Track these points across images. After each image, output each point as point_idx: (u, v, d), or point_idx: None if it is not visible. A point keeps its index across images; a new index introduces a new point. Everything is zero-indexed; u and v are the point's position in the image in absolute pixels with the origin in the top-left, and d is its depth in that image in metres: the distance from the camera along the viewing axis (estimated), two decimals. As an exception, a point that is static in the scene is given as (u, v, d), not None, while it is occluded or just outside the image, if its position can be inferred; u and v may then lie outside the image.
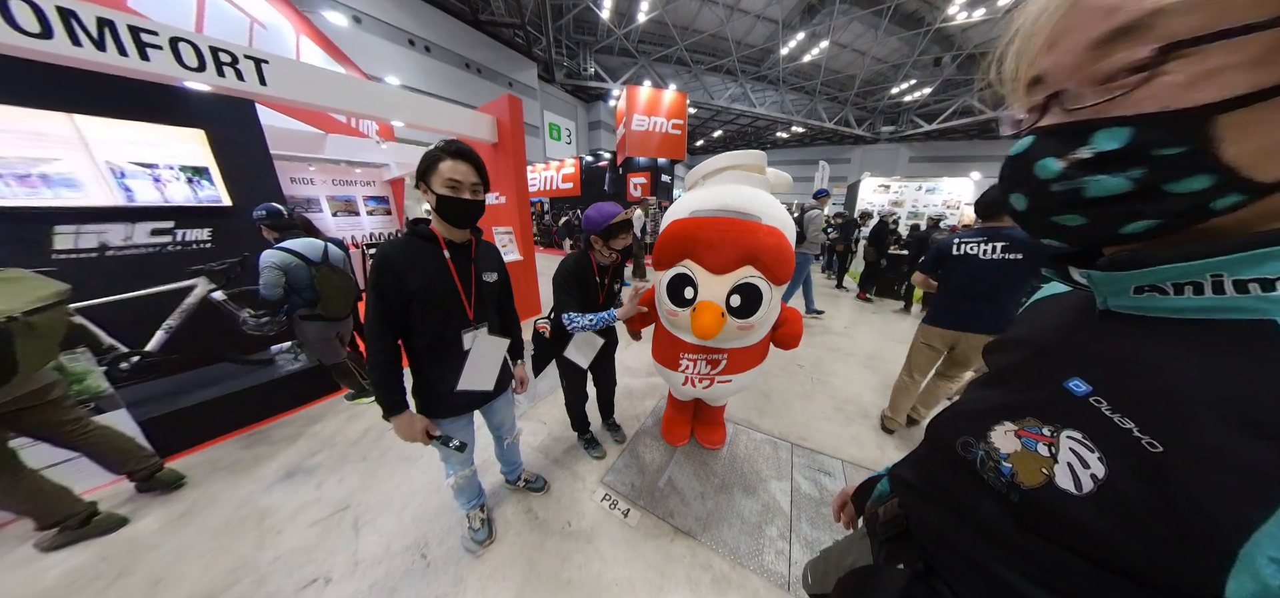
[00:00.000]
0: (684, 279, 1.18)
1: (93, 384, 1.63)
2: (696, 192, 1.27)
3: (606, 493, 1.71)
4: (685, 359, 1.43)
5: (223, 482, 1.78)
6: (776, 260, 1.10)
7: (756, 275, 1.12)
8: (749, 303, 1.15)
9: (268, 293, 1.88)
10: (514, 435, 1.53)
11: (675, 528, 1.52)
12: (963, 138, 18.95)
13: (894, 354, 3.35)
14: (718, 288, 1.13)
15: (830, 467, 1.89)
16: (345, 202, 6.16)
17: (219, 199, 2.12)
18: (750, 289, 1.13)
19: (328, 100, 2.43)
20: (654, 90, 8.35)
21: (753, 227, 1.11)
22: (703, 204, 1.18)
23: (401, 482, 1.78)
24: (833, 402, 2.53)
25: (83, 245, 1.86)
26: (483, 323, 1.12)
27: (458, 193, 0.93)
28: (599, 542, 1.47)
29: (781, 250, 1.10)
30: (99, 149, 1.83)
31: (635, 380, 2.81)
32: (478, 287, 1.10)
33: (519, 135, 3.91)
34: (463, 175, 0.93)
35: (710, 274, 1.14)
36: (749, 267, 1.11)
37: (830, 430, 2.20)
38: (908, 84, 16.36)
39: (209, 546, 1.45)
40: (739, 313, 1.16)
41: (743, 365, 1.44)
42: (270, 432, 2.16)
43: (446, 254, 1.02)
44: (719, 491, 1.72)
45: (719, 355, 1.39)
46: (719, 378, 1.44)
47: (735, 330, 1.19)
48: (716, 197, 1.17)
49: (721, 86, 17.56)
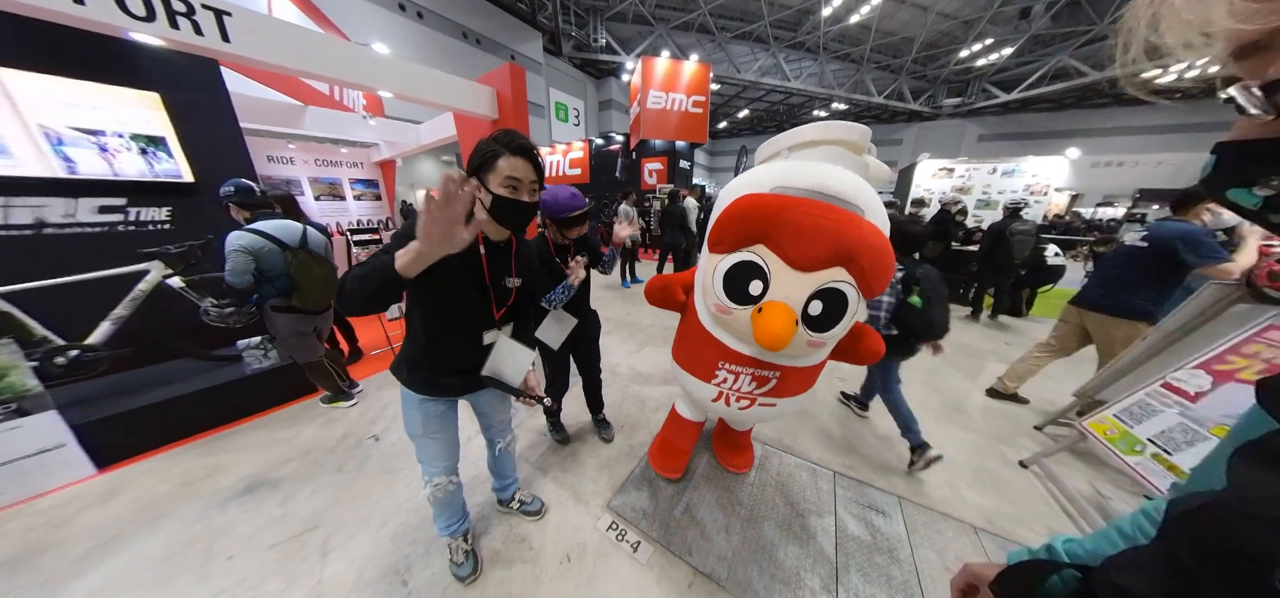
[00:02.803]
0: (752, 269, 1.07)
1: (16, 382, 1.61)
2: (779, 164, 1.15)
3: (613, 520, 1.64)
4: (724, 370, 1.29)
5: (170, 497, 1.77)
6: (877, 267, 0.99)
7: (847, 281, 1.01)
8: (832, 313, 1.05)
9: (234, 280, 1.86)
10: (507, 441, 1.51)
11: (693, 568, 1.44)
12: (1053, 108, 17.64)
13: (960, 370, 3.18)
14: (796, 288, 1.02)
15: (885, 505, 1.76)
16: (329, 185, 6.30)
17: (179, 174, 2.11)
18: (837, 297, 1.03)
19: (303, 63, 2.43)
20: (673, 62, 8.30)
21: (856, 219, 0.99)
22: (791, 179, 1.05)
23: (382, 496, 1.76)
24: (883, 424, 2.38)
25: (14, 221, 1.81)
26: (508, 324, 1.18)
27: (516, 194, 0.94)
28: (603, 582, 1.39)
29: (884, 255, 1.00)
30: (30, 110, 1.76)
31: (650, 390, 2.74)
32: (512, 290, 1.14)
33: (522, 110, 3.88)
34: (522, 173, 0.93)
35: (790, 269, 1.02)
36: (841, 269, 0.99)
37: (882, 459, 2.07)
38: (982, 44, 14.90)
39: (143, 575, 1.41)
40: (817, 324, 1.05)
41: (794, 388, 1.31)
42: (233, 438, 2.17)
43: (482, 251, 1.03)
44: (746, 523, 1.63)
45: (770, 373, 1.25)
46: (762, 399, 1.31)
47: (804, 344, 1.08)
48: (811, 174, 1.04)
49: (749, 58, 17.14)
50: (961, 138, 19.08)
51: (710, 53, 16.60)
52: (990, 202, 7.94)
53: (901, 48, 16.22)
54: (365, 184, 6.67)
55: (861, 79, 17.52)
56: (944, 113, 19.08)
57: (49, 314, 1.86)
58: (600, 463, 1.99)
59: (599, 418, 2.17)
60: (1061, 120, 17.49)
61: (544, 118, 15.50)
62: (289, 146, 5.63)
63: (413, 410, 1.17)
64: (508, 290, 1.13)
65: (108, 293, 2.00)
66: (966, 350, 3.63)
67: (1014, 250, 4.23)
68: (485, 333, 1.13)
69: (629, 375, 2.95)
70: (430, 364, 1.10)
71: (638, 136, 8.57)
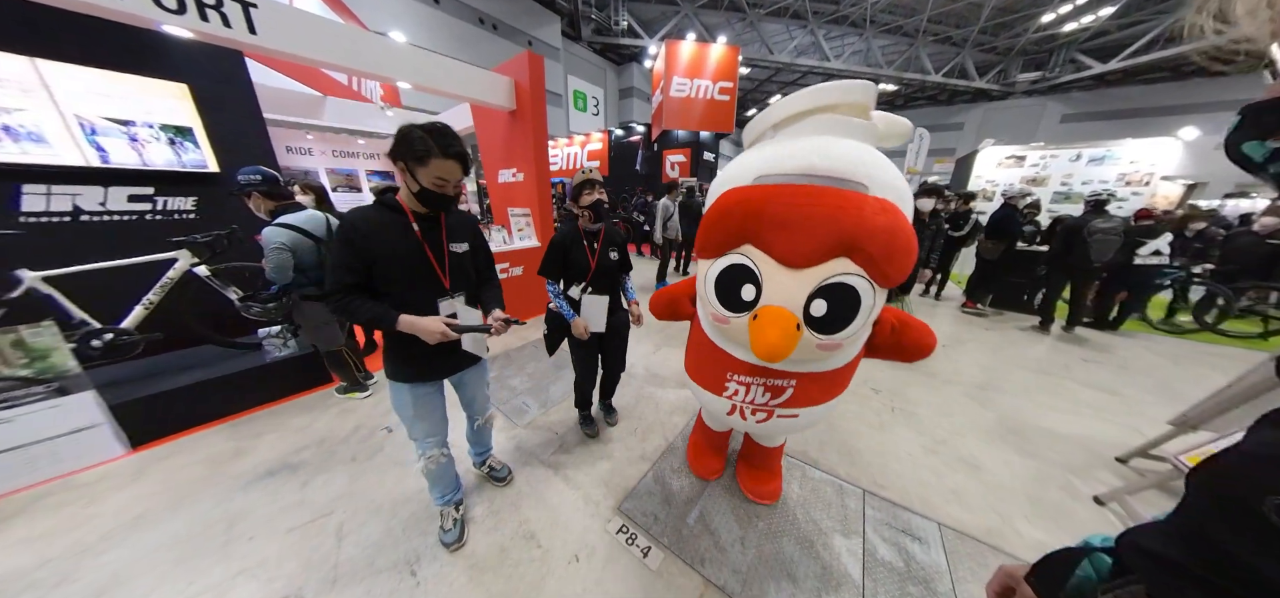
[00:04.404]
0: (741, 273, 1.02)
1: (57, 362, 1.79)
2: (763, 148, 1.07)
3: (623, 523, 1.70)
4: (734, 382, 1.27)
5: (196, 478, 1.96)
6: (888, 250, 0.90)
7: (855, 273, 0.93)
8: (839, 312, 0.97)
9: (277, 276, 2.04)
10: (486, 417, 1.73)
11: (706, 580, 1.47)
12: (1168, 77, 15.28)
13: (1019, 387, 3.03)
14: (793, 288, 0.96)
15: (922, 530, 1.72)
16: (346, 176, 6.72)
17: (204, 164, 2.35)
18: (842, 292, 0.95)
19: (325, 54, 2.63)
20: (699, 45, 8.32)
21: (854, 199, 0.90)
22: (773, 166, 0.98)
23: (393, 486, 1.89)
24: (921, 441, 2.33)
25: (55, 208, 2.05)
26: (459, 292, 1.35)
27: (442, 189, 1.16)
28: (611, 585, 1.45)
29: (895, 235, 0.90)
30: (67, 101, 1.96)
31: (664, 391, 2.79)
32: (450, 256, 1.31)
33: (540, 101, 4.01)
34: (451, 174, 1.14)
35: (782, 267, 0.96)
36: (844, 259, 0.92)
37: (917, 478, 2.03)
38: (1072, 4, 13.28)
39: (167, 553, 1.56)
40: (822, 326, 0.98)
41: (817, 396, 1.24)
42: (254, 423, 2.38)
43: (416, 227, 1.23)
44: (765, 538, 1.65)
45: (784, 381, 1.21)
46: (781, 410, 1.26)
47: (814, 349, 1.01)
48: (797, 155, 0.96)
49: (784, 37, 16.78)
50: (1039, 119, 17.62)
51: (740, 33, 16.40)
52: (1070, 195, 7.22)
53: (967, 15, 15.14)
54: (381, 176, 7.04)
55: (915, 54, 16.72)
56: (1017, 90, 17.68)
57: (85, 298, 2.11)
58: (613, 465, 2.05)
59: (607, 403, 2.38)
60: (1173, 93, 15.33)
61: (561, 107, 15.78)
62: (307, 137, 6.03)
63: (402, 394, 1.36)
64: (455, 257, 1.32)
65: (138, 279, 2.24)
66: (1032, 365, 3.45)
67: (1092, 252, 3.86)
68: (441, 303, 1.30)
69: (644, 376, 3.01)
70: (408, 353, 1.28)
71: (660, 127, 8.62)
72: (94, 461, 2.01)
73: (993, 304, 5.10)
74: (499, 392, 2.79)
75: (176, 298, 2.32)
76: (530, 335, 3.83)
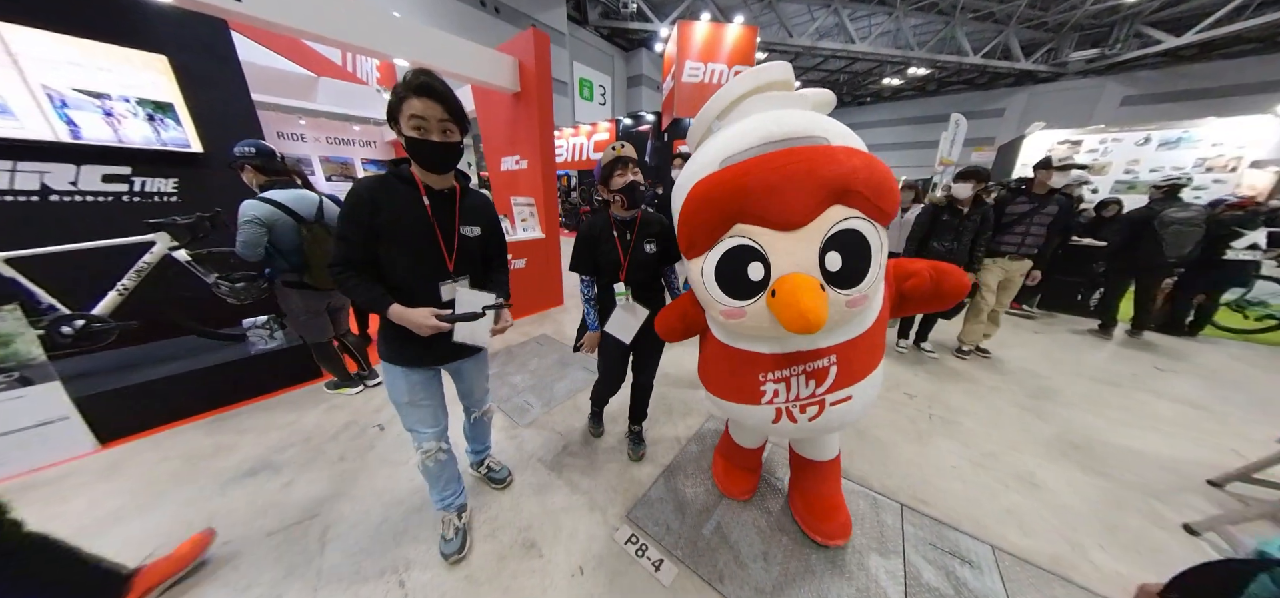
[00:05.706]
0: (743, 254, 1.03)
1: (19, 350, 1.77)
2: (714, 139, 1.14)
3: (633, 533, 1.65)
4: (770, 382, 1.21)
5: (171, 476, 1.95)
6: (874, 185, 0.98)
7: (854, 215, 0.98)
8: (854, 260, 1.00)
9: (246, 252, 2.02)
10: (484, 410, 1.71)
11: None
12: (1258, 49, 13.98)
13: (1081, 397, 2.88)
14: (802, 250, 0.98)
15: (973, 553, 1.62)
16: (341, 165, 6.81)
17: (186, 143, 2.35)
18: (851, 238, 0.98)
19: (316, 25, 2.64)
20: (714, 25, 8.27)
21: (824, 150, 0.98)
22: (734, 145, 1.05)
23: (383, 488, 1.87)
24: (967, 453, 2.22)
25: (21, 185, 2.01)
26: (464, 276, 1.32)
27: (424, 133, 1.08)
28: (617, 604, 1.39)
29: (873, 167, 0.99)
30: (33, 69, 1.91)
31: (673, 391, 2.75)
32: (460, 238, 1.29)
33: (545, 81, 4.00)
34: (427, 112, 1.06)
35: (782, 233, 0.99)
36: (839, 206, 0.97)
37: (965, 495, 1.92)
38: None
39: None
40: (841, 279, 1.00)
41: (861, 367, 1.19)
42: (235, 420, 2.37)
43: (426, 201, 1.21)
44: (790, 554, 1.57)
45: (824, 361, 1.16)
46: (831, 397, 1.19)
47: (843, 309, 1.03)
48: (753, 130, 1.03)
49: (804, 18, 16.45)
50: (1095, 102, 16.96)
51: (758, 15, 16.24)
52: (1135, 183, 6.82)
53: (1012, -13, 14.52)
54: (377, 165, 7.12)
55: (951, 34, 16.37)
56: (1069, 70, 17.04)
57: (54, 283, 2.09)
58: (620, 469, 2.01)
59: (635, 430, 2.14)
60: (1259, 68, 14.13)
61: (567, 96, 15.87)
62: (300, 122, 6.11)
63: (398, 380, 1.34)
64: (464, 240, 1.30)
65: (112, 264, 2.22)
66: (1095, 373, 3.29)
67: (1166, 246, 3.62)
68: (442, 285, 1.28)
69: (657, 378, 2.94)
70: (404, 334, 1.24)
71: (670, 115, 8.56)
72: (64, 456, 2.01)
73: (1041, 305, 4.91)
74: (500, 389, 2.76)
75: (154, 284, 2.32)
76: (532, 331, 3.80)
